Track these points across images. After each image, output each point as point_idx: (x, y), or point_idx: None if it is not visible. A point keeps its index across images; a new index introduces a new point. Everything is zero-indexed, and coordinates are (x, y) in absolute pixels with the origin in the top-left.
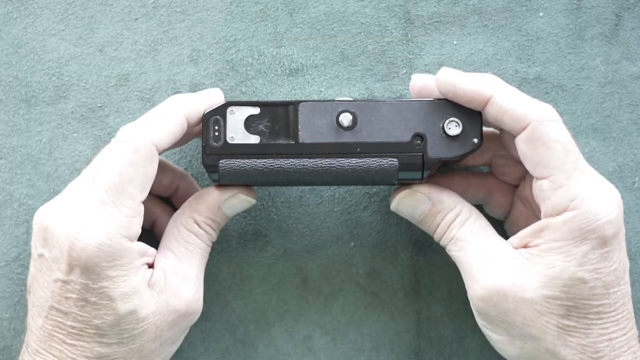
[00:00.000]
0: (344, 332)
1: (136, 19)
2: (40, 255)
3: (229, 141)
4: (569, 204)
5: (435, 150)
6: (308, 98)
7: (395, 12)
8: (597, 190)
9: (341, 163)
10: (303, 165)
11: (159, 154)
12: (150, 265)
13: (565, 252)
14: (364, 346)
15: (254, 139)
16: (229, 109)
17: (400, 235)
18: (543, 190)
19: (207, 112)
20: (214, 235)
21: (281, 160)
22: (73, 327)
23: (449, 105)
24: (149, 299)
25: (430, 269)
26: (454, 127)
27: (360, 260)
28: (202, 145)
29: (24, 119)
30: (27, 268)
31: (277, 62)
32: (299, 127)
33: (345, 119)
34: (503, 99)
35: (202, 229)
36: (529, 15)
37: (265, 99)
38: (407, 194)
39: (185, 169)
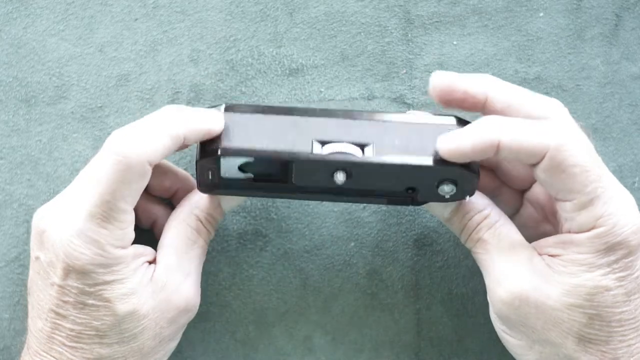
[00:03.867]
0: (344, 333)
1: (136, 19)
2: (37, 258)
3: (223, 175)
4: (595, 222)
5: (425, 197)
6: (307, 104)
7: (395, 12)
8: (620, 204)
9: (332, 199)
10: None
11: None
12: (152, 262)
13: (590, 264)
14: (364, 346)
15: (248, 176)
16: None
17: (400, 235)
18: (566, 211)
19: (201, 162)
20: (213, 232)
21: (273, 194)
22: (72, 330)
23: (447, 166)
24: (148, 296)
25: (430, 269)
26: (447, 188)
27: (360, 260)
28: (197, 180)
29: (24, 119)
30: (27, 268)
31: (277, 62)
32: (293, 176)
33: (340, 176)
34: (513, 141)
35: (204, 226)
36: (529, 15)
37: (265, 101)
38: None
39: (186, 169)
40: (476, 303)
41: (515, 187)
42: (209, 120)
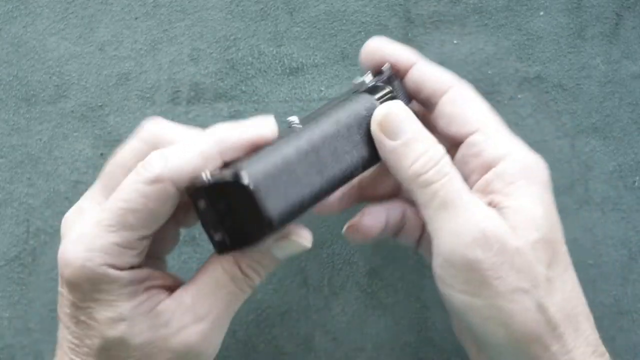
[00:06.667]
0: (345, 332)
1: (136, 18)
2: None
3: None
4: (509, 148)
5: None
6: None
7: (395, 11)
8: (522, 143)
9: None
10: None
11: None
12: (163, 287)
13: (522, 194)
14: (365, 346)
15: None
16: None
17: None
18: (476, 144)
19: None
20: (257, 280)
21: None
22: (71, 342)
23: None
24: (144, 327)
25: (431, 269)
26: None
27: (361, 260)
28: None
29: (24, 118)
30: (27, 267)
31: (277, 61)
32: None
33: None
34: (427, 65)
35: (242, 272)
36: (529, 14)
37: (265, 100)
38: None
39: None
40: None
41: None
42: (255, 128)
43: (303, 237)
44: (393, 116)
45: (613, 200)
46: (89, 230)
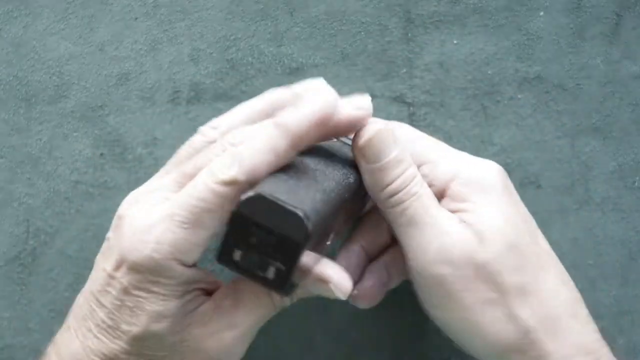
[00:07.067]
0: (345, 332)
1: (136, 18)
2: (108, 239)
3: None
4: (456, 169)
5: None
6: None
7: (395, 12)
8: (471, 157)
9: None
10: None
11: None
12: (209, 292)
13: (479, 208)
14: (365, 346)
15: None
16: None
17: None
18: (427, 176)
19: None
20: (288, 303)
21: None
22: (103, 321)
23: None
24: (182, 325)
25: None
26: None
27: None
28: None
29: (24, 118)
30: (27, 267)
31: (277, 61)
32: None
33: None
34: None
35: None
36: (529, 14)
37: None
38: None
39: None
40: None
41: None
42: (317, 104)
43: (341, 288)
44: (375, 140)
45: (613, 200)
46: (159, 222)
